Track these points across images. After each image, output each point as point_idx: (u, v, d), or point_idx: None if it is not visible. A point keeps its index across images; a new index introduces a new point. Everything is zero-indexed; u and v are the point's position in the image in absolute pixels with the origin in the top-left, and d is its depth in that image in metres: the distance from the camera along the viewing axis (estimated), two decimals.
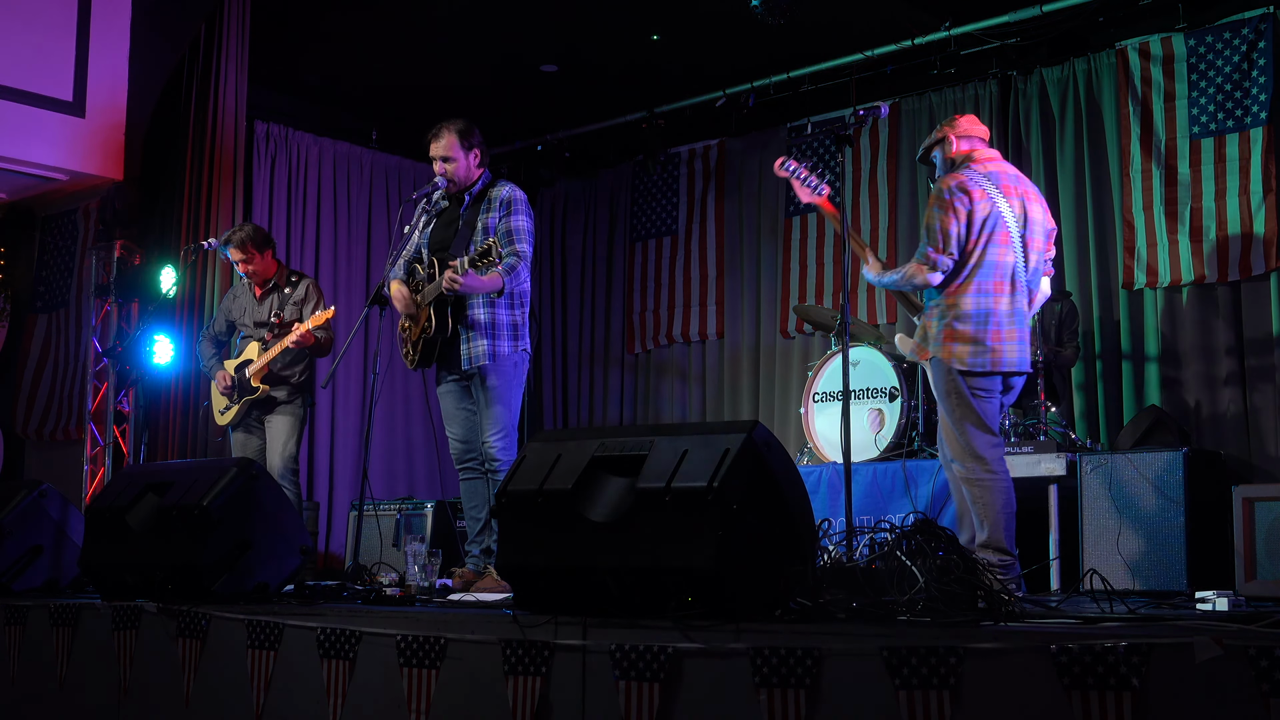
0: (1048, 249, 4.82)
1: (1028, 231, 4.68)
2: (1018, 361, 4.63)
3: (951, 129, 4.82)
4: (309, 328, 6.16)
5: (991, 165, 4.72)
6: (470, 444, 5.20)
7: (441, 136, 5.17)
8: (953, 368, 4.59)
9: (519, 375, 5.17)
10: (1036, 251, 4.73)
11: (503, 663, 3.19)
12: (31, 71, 7.40)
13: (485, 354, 5.05)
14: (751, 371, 8.96)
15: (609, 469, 3.32)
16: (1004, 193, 4.64)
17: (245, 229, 6.50)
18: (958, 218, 4.57)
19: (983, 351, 4.55)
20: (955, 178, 4.65)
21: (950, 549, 3.11)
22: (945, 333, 4.61)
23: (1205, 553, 5.35)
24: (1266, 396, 6.69)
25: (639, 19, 8.01)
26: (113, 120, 7.74)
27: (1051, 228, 4.85)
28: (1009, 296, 4.62)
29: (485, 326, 5.07)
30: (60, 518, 5.28)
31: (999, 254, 4.61)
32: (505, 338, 5.11)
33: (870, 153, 8.41)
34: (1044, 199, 4.88)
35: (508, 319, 5.12)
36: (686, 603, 3.03)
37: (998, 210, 4.61)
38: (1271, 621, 2.62)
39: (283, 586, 4.49)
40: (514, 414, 5.14)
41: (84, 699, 4.31)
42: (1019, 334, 4.62)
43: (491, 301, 5.08)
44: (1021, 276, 4.67)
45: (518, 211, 5.12)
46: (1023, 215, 4.67)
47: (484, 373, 5.07)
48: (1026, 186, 4.77)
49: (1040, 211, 4.77)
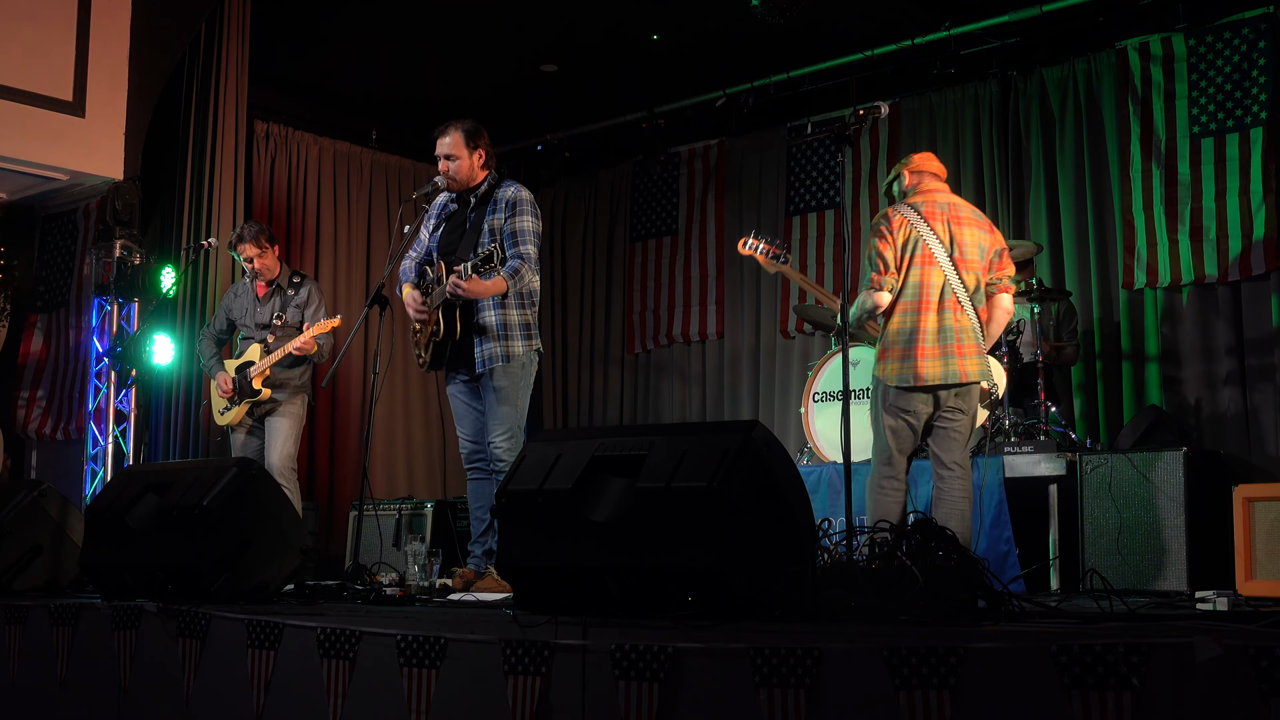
0: (998, 268, 5.05)
1: (955, 252, 4.91)
2: (940, 376, 4.84)
3: (907, 166, 5.14)
4: (312, 335, 6.16)
5: (925, 196, 5.01)
6: (479, 444, 5.20)
7: (447, 134, 5.19)
8: (885, 383, 4.92)
9: (528, 375, 5.18)
10: (973, 272, 4.95)
11: (503, 663, 3.19)
12: (31, 71, 7.39)
13: (499, 355, 5.06)
14: (751, 371, 8.97)
15: (609, 469, 3.32)
16: (926, 218, 4.92)
17: (256, 224, 6.53)
18: (887, 242, 4.92)
19: (907, 368, 4.84)
20: (884, 211, 4.99)
21: (950, 549, 3.11)
22: (879, 352, 4.98)
23: (1205, 553, 5.35)
24: (1266, 396, 6.69)
25: (639, 19, 8.01)
26: (113, 120, 7.74)
27: (998, 248, 5.06)
28: (936, 314, 4.87)
29: (498, 328, 5.07)
30: (60, 518, 5.28)
31: (922, 274, 4.89)
32: (518, 337, 5.12)
33: (870, 153, 8.41)
34: (986, 222, 5.10)
35: (519, 319, 5.13)
36: (686, 603, 3.03)
37: (917, 235, 4.89)
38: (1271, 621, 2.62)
39: (283, 586, 4.49)
40: (521, 415, 5.14)
41: (84, 699, 4.30)
42: (942, 350, 4.86)
43: (502, 303, 5.08)
44: (958, 294, 4.91)
45: (523, 213, 5.12)
46: (949, 238, 4.92)
47: (494, 374, 5.08)
48: (958, 212, 5.00)
49: (976, 234, 4.99)
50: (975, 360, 4.87)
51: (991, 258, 5.01)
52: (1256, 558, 4.96)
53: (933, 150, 8.13)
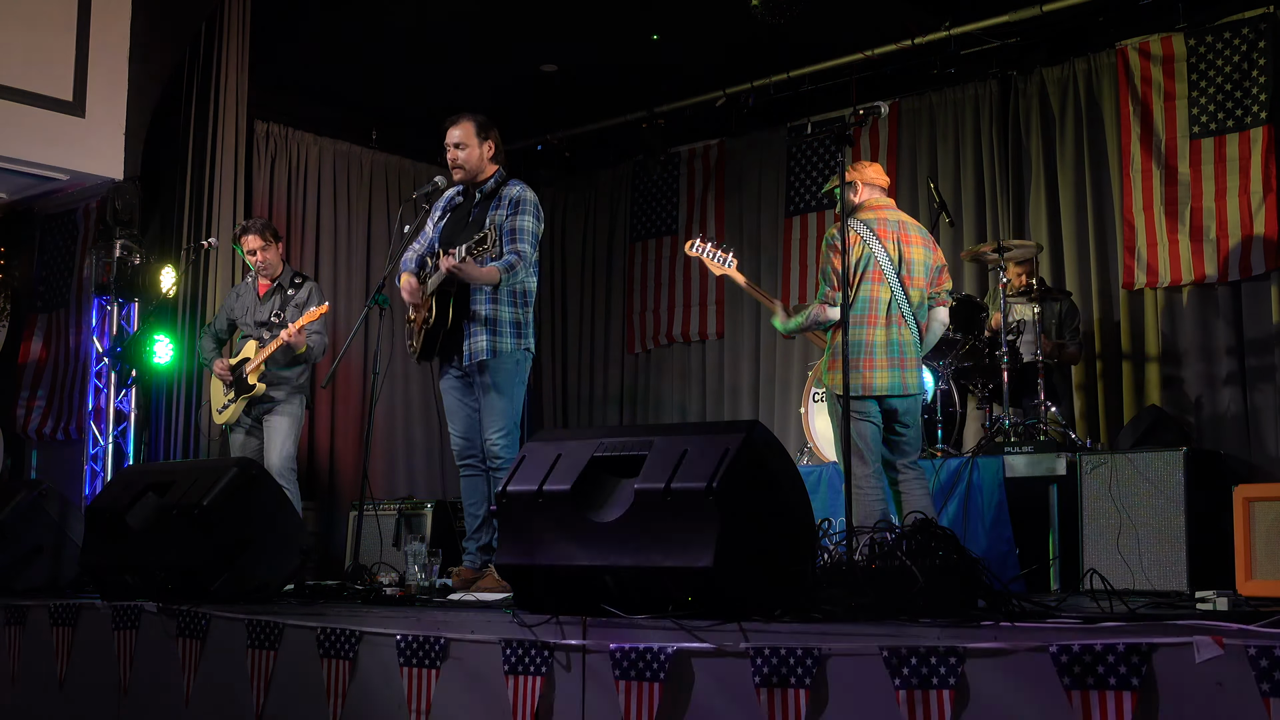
0: (938, 283, 5.32)
1: (903, 270, 5.16)
2: (889, 386, 5.09)
3: (860, 176, 5.30)
4: (301, 324, 6.16)
5: (876, 213, 5.23)
6: (472, 441, 5.19)
7: (460, 123, 5.21)
8: (834, 393, 5.10)
9: (521, 373, 5.16)
10: (918, 289, 5.21)
11: (503, 663, 3.19)
12: (31, 71, 7.39)
13: (485, 349, 5.05)
14: (751, 371, 8.96)
15: (609, 469, 3.32)
16: (878, 235, 5.15)
17: (261, 219, 6.54)
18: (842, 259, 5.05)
19: (856, 378, 5.02)
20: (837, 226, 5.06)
21: (950, 549, 3.11)
22: (829, 363, 5.19)
23: (1205, 553, 5.35)
24: (1266, 396, 6.69)
25: (639, 19, 8.01)
26: (113, 120, 7.74)
27: (939, 264, 5.32)
28: (884, 329, 5.11)
29: (487, 321, 5.07)
30: (60, 518, 5.29)
31: (872, 290, 5.13)
32: (508, 334, 5.10)
33: (870, 153, 8.41)
34: (930, 240, 5.34)
35: (510, 315, 5.12)
36: (686, 603, 3.03)
37: (870, 251, 5.12)
38: (1271, 621, 2.62)
39: (283, 586, 4.49)
40: (517, 411, 5.13)
41: (84, 699, 4.30)
42: (890, 362, 5.11)
43: (494, 297, 5.08)
44: (903, 310, 5.15)
45: (524, 212, 5.13)
46: (898, 256, 5.16)
47: (484, 368, 5.07)
48: (906, 231, 5.23)
49: (922, 252, 5.24)
50: (916, 374, 5.18)
51: (934, 273, 5.28)
52: (1256, 558, 4.96)
53: (932, 150, 8.15)
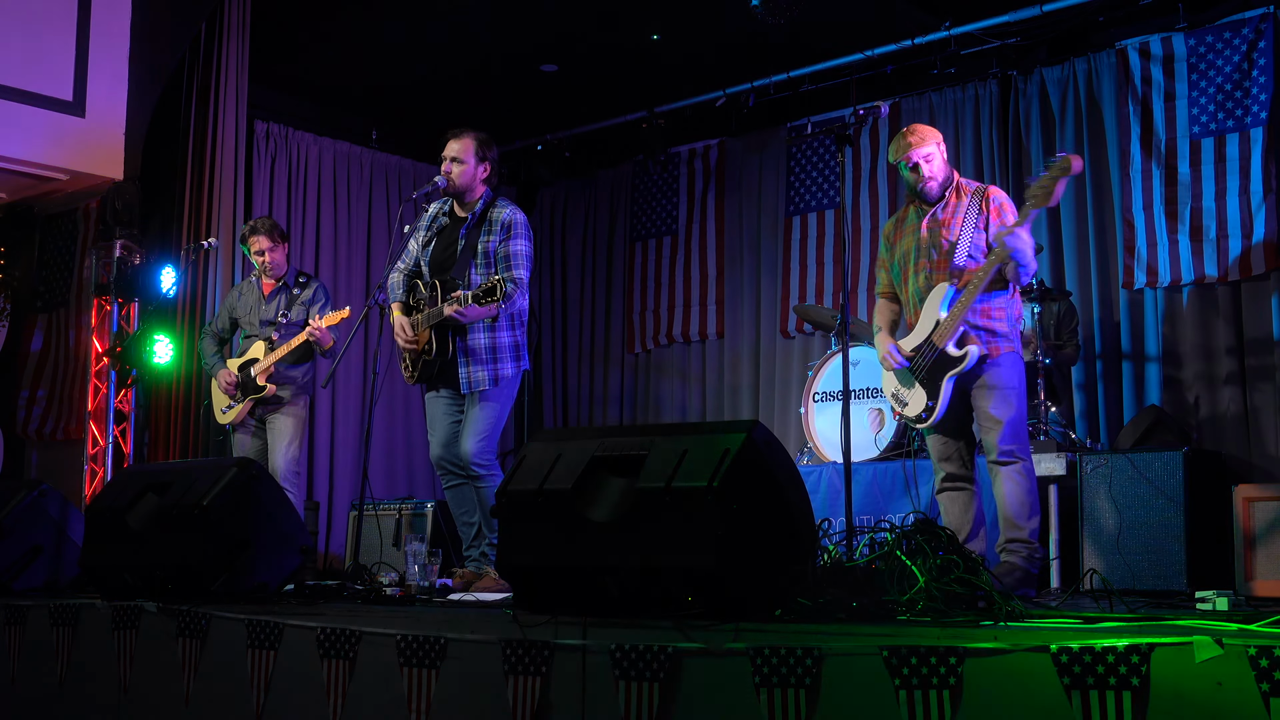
0: None
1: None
2: None
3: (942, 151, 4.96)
4: (325, 325, 6.15)
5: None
6: (449, 449, 5.21)
7: (461, 137, 5.21)
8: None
9: (514, 390, 5.25)
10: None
11: (503, 663, 3.19)
12: (31, 71, 7.39)
13: (487, 379, 5.10)
14: (751, 371, 8.96)
15: (609, 469, 3.32)
16: None
17: (268, 219, 6.55)
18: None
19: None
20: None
21: (950, 549, 3.11)
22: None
23: (1205, 553, 5.35)
24: (1266, 396, 6.69)
25: (639, 19, 8.01)
26: (113, 120, 7.74)
27: None
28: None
29: (486, 351, 5.10)
30: (60, 518, 5.29)
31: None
32: (508, 360, 5.14)
33: (870, 153, 8.41)
34: None
35: (509, 340, 5.15)
36: (686, 603, 3.03)
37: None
38: (1271, 621, 2.63)
39: (282, 586, 4.49)
40: (500, 424, 5.21)
41: (84, 699, 4.31)
42: None
43: (492, 326, 5.10)
44: None
45: (517, 235, 5.15)
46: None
47: (482, 396, 5.10)
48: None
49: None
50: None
51: None
52: (1256, 558, 4.97)
53: None
